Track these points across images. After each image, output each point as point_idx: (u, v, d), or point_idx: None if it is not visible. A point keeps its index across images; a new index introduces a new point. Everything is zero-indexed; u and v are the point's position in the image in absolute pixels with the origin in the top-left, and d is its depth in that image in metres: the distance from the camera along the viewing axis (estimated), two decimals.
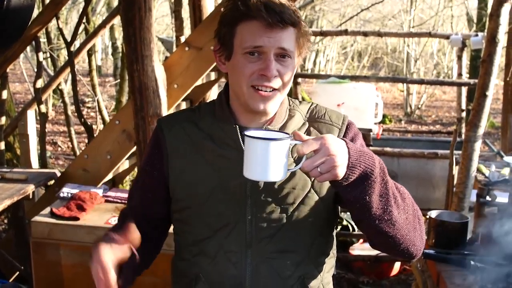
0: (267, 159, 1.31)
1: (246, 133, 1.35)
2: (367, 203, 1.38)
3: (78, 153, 6.41)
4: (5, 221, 5.70)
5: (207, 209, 1.55)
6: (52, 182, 4.00)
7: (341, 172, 1.32)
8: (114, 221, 3.13)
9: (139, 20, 3.51)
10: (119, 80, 9.51)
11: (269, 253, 1.54)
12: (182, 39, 4.81)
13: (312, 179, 1.52)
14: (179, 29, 4.92)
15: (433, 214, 2.66)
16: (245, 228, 1.53)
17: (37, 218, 3.18)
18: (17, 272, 4.12)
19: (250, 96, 1.49)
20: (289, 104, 1.61)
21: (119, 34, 12.13)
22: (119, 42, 12.07)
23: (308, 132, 1.57)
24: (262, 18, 1.43)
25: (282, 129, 1.54)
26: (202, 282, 1.59)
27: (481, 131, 3.47)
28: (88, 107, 12.35)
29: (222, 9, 1.53)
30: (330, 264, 1.66)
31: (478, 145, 3.51)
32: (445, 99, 17.57)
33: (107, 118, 6.87)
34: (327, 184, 1.53)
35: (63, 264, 3.12)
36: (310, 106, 1.64)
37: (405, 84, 14.04)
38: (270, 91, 1.48)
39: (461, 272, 2.38)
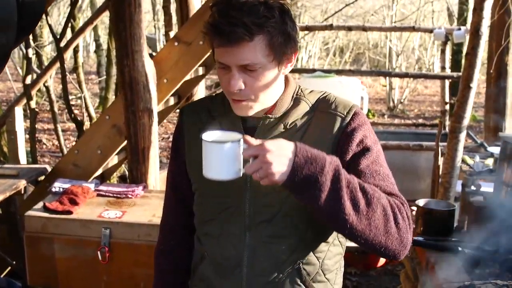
0: (217, 159, 1.39)
1: (202, 136, 1.42)
2: (315, 207, 1.39)
3: (65, 150, 6.40)
4: None
5: (211, 193, 1.62)
6: (42, 177, 4.02)
7: (278, 178, 1.34)
8: (107, 214, 3.17)
9: (129, 16, 3.55)
10: (104, 77, 9.48)
11: (265, 237, 1.58)
12: (171, 34, 4.83)
13: None
14: (168, 24, 4.94)
15: (421, 202, 2.71)
16: (245, 212, 1.58)
17: (30, 213, 3.20)
18: (9, 268, 4.13)
19: (232, 104, 1.56)
20: (297, 93, 1.64)
21: (101, 31, 12.08)
22: (102, 40, 12.01)
23: (310, 121, 1.59)
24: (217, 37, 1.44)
25: (282, 118, 1.58)
26: (206, 260, 1.67)
27: (465, 122, 3.55)
28: (72, 105, 12.28)
29: (210, 4, 1.53)
30: (332, 252, 1.66)
31: (463, 136, 3.59)
32: (427, 93, 17.69)
33: (94, 115, 6.86)
34: None
35: (57, 257, 3.14)
36: (320, 96, 1.65)
37: (388, 79, 14.11)
38: (245, 99, 1.52)
39: (449, 258, 2.43)
